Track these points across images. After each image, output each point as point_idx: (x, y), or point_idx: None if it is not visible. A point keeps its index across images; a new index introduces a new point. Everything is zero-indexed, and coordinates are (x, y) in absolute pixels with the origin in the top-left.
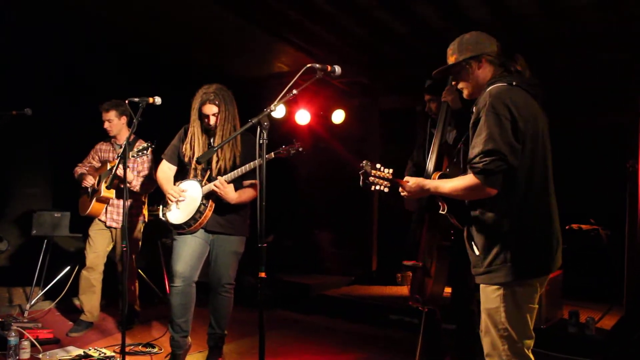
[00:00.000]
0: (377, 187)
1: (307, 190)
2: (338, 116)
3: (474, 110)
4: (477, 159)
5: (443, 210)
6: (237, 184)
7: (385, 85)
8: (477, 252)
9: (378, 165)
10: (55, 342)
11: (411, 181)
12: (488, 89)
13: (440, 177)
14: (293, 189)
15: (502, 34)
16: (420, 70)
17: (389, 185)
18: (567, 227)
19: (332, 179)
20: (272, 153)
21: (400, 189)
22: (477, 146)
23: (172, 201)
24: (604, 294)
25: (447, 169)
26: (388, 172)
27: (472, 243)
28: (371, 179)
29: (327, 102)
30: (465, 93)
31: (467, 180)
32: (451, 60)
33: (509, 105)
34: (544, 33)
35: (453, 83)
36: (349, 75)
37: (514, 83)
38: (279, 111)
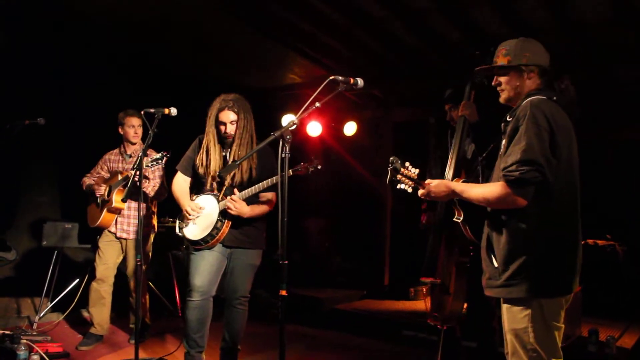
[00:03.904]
0: (402, 186)
1: (318, 201)
2: (350, 128)
3: (508, 118)
4: (513, 167)
5: (459, 217)
6: (253, 197)
7: (398, 97)
8: (495, 264)
9: (407, 164)
10: (65, 356)
11: (434, 182)
12: (529, 99)
13: None
14: (303, 201)
15: None
16: (433, 82)
17: (413, 185)
18: (582, 242)
19: (343, 191)
20: (290, 170)
21: (419, 191)
22: (514, 154)
23: (189, 218)
24: (621, 311)
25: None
26: (414, 172)
27: (491, 254)
28: (399, 176)
29: (338, 113)
30: (503, 96)
31: (497, 187)
32: (502, 60)
33: (548, 118)
34: (562, 47)
35: (494, 83)
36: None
37: (554, 98)
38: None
